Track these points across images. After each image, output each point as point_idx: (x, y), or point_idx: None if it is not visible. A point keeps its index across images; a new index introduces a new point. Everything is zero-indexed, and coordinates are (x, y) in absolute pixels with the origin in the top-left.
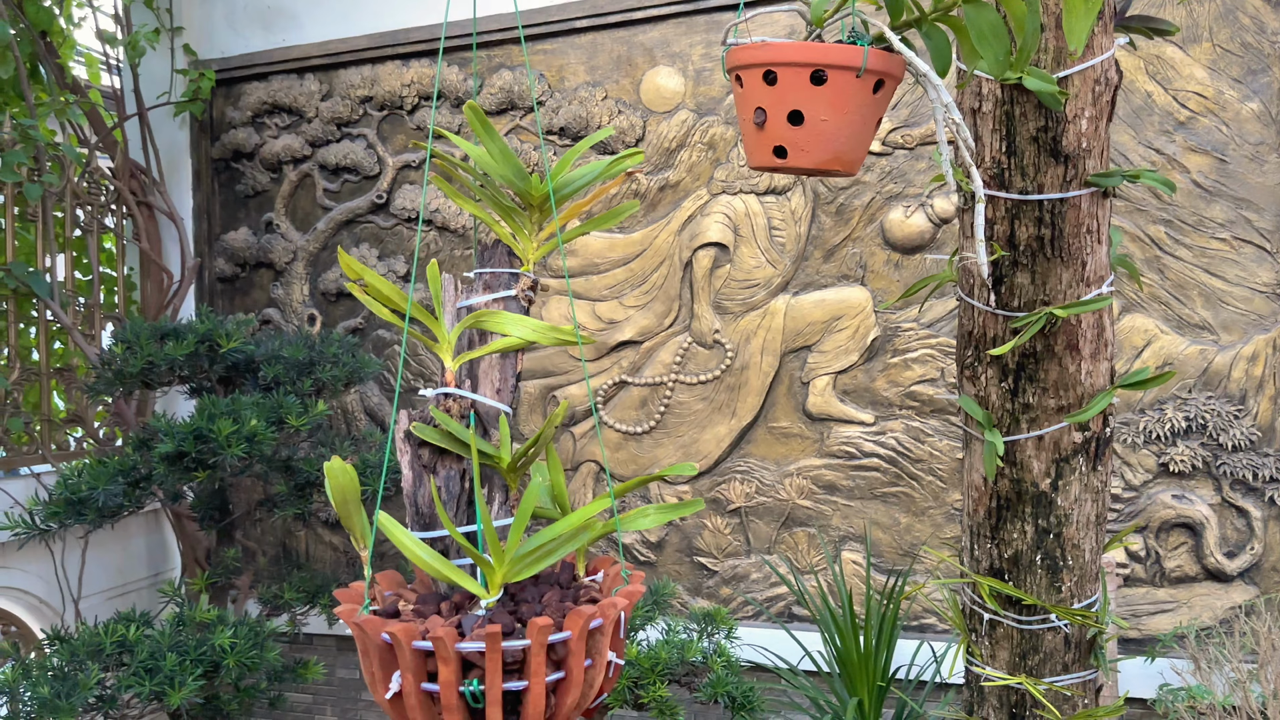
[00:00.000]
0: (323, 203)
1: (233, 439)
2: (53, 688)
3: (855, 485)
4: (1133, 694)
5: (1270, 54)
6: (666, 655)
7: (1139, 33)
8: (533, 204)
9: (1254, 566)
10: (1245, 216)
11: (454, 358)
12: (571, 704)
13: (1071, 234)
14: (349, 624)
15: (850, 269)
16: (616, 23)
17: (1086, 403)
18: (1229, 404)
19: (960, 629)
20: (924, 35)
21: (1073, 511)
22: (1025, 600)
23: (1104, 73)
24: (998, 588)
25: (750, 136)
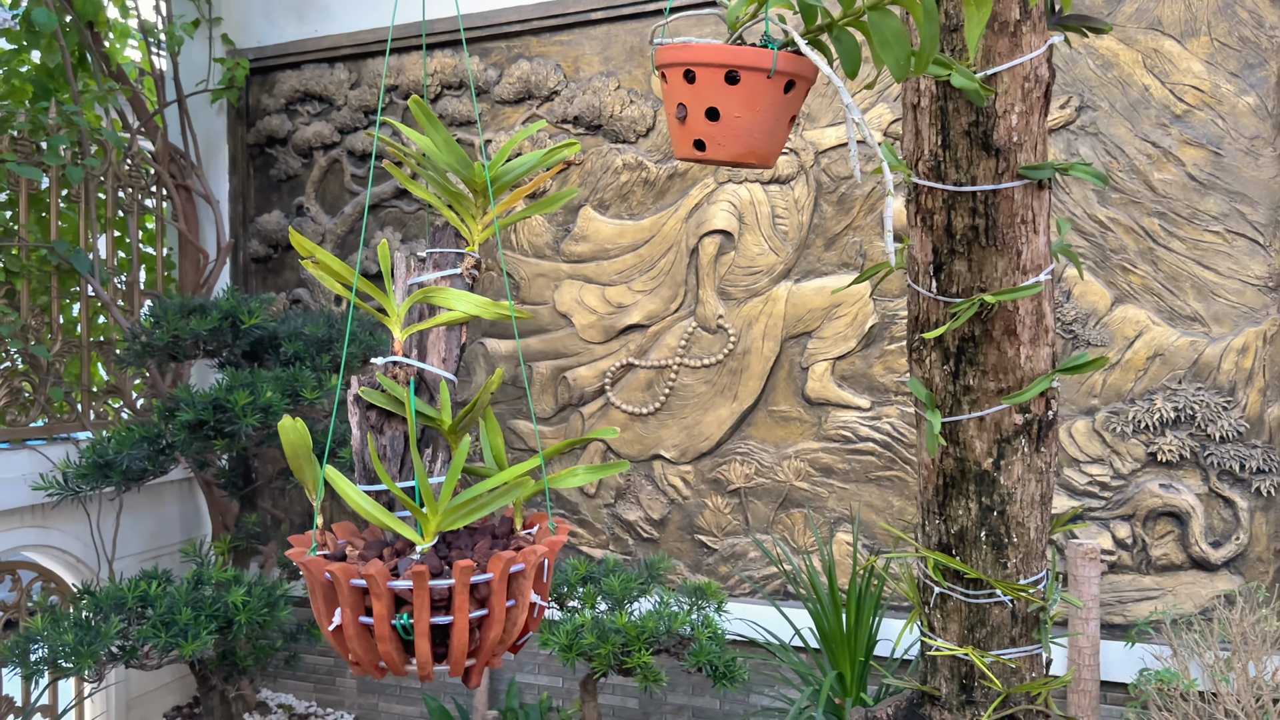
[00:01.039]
0: (350, 188)
1: (249, 409)
2: (76, 635)
3: (850, 468)
4: (1115, 678)
5: (1268, 48)
6: (654, 625)
7: (1075, 30)
8: (476, 190)
9: (1239, 556)
10: (1239, 210)
11: (402, 329)
12: (494, 638)
13: (1005, 224)
14: (298, 564)
15: (850, 257)
16: (630, 15)
17: (1026, 386)
18: (1218, 395)
19: (915, 602)
20: (834, 39)
21: (1016, 490)
22: (968, 574)
23: (1034, 70)
24: (945, 562)
25: (674, 130)
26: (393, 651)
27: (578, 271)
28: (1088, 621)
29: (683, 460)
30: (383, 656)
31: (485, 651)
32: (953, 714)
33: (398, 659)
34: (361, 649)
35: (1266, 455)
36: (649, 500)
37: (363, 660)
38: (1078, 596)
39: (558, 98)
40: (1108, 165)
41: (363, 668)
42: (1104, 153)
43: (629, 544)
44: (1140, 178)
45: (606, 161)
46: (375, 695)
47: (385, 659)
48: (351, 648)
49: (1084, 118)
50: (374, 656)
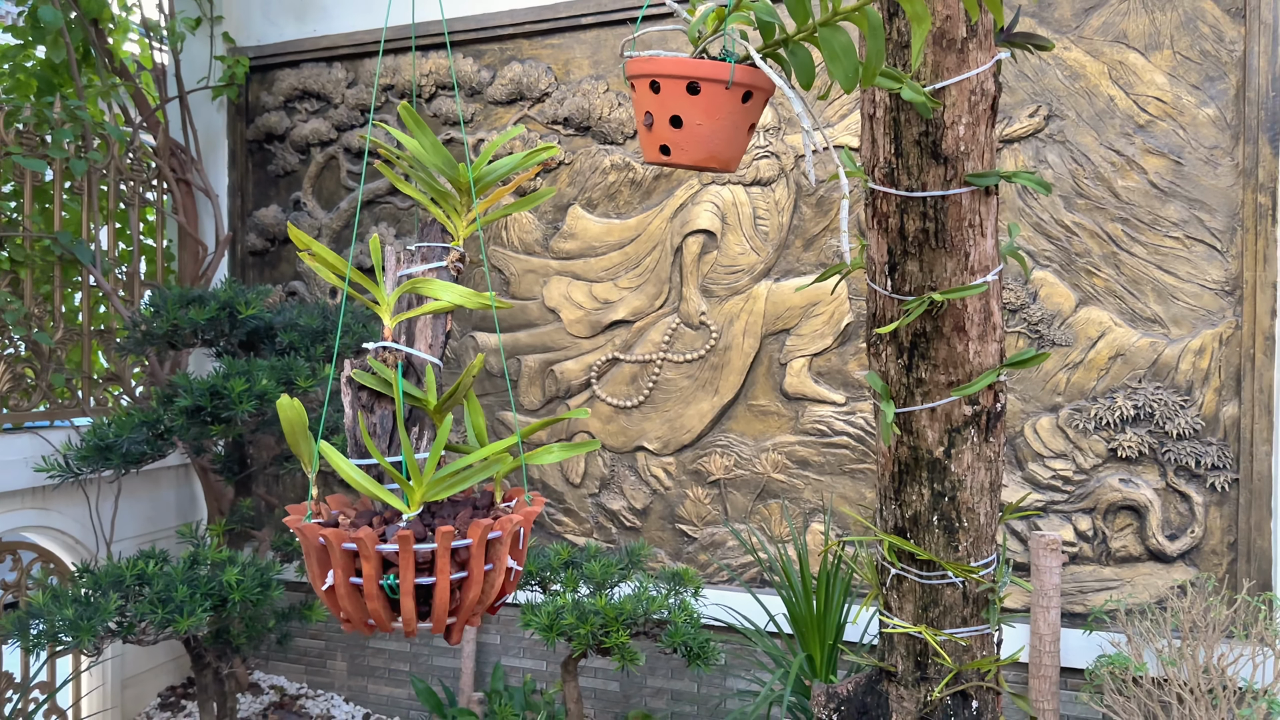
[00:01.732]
0: (346, 183)
1: (244, 397)
2: (76, 611)
3: (826, 461)
4: (1074, 664)
5: (1228, 62)
6: (632, 608)
7: (1021, 47)
8: (461, 189)
9: (1194, 549)
10: (1198, 216)
11: (392, 317)
12: (473, 599)
13: (954, 227)
14: (294, 529)
15: (828, 258)
16: (619, 20)
17: (975, 379)
18: (1176, 394)
19: (874, 584)
20: (789, 53)
21: (966, 478)
22: (921, 556)
23: (980, 84)
24: (900, 545)
25: (643, 135)
26: (380, 609)
27: (566, 268)
28: (1049, 610)
29: (665, 452)
30: (371, 614)
31: (465, 610)
32: (908, 690)
33: (385, 616)
34: (352, 607)
35: (1221, 452)
36: (632, 490)
37: (353, 617)
38: (1040, 586)
39: (549, 99)
40: (1074, 172)
41: (353, 624)
42: (1071, 160)
43: (612, 532)
44: (1105, 184)
45: (595, 162)
46: (364, 678)
47: (373, 616)
48: (343, 605)
49: (1052, 126)
50: (363, 614)
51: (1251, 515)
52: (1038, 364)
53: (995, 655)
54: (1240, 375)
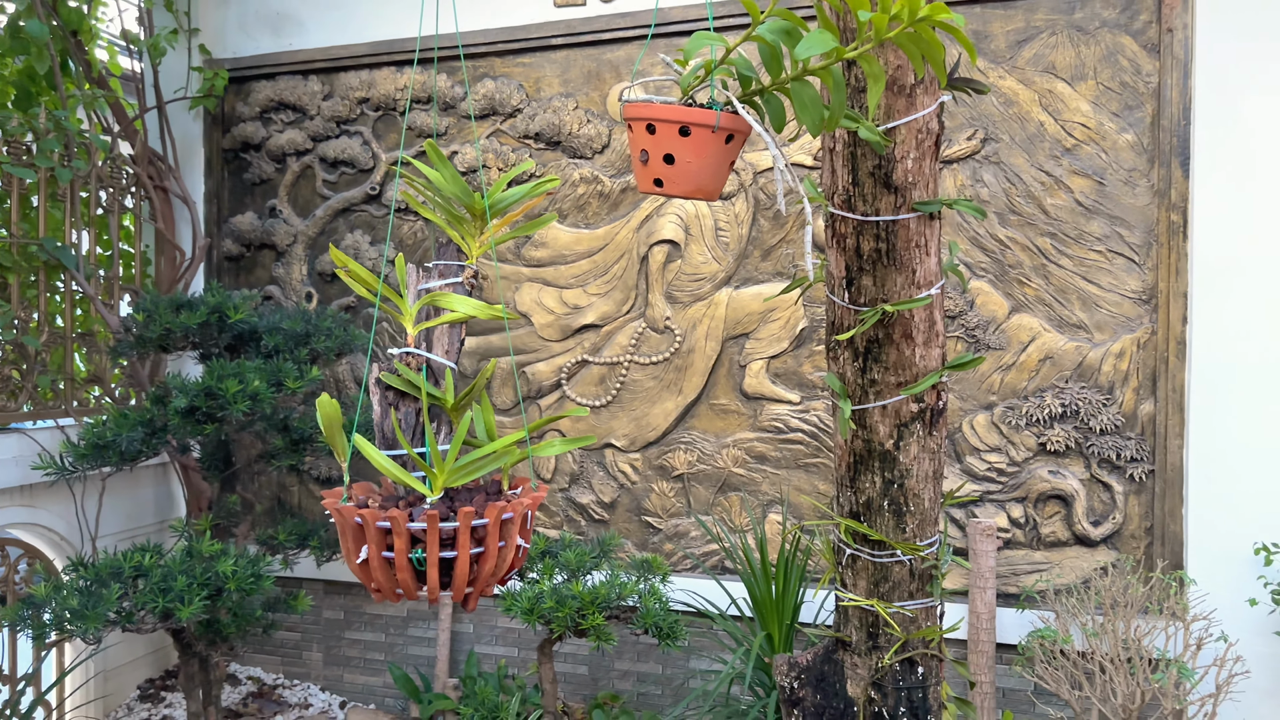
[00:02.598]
0: (322, 192)
1: (238, 397)
2: (80, 601)
3: (782, 456)
4: (1008, 640)
5: (1144, 92)
6: (606, 592)
7: (961, 91)
8: (475, 214)
9: (1115, 533)
10: (1119, 232)
11: (414, 326)
12: (489, 571)
13: (903, 248)
14: (332, 510)
15: (784, 267)
16: (588, 42)
17: (920, 379)
18: (1099, 394)
19: (830, 562)
20: (765, 101)
21: (913, 467)
22: (873, 537)
23: (926, 124)
24: (854, 527)
25: (638, 169)
26: (409, 579)
27: (537, 275)
28: (985, 590)
29: (632, 449)
30: (400, 584)
31: (481, 580)
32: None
33: (412, 585)
34: (383, 578)
35: (1139, 446)
36: (600, 485)
37: (384, 587)
38: (977, 569)
39: (520, 115)
40: (1008, 190)
41: (383, 594)
42: (1005, 179)
43: (581, 525)
44: (1035, 202)
45: (565, 175)
46: (340, 667)
47: (403, 586)
48: (375, 577)
49: (988, 148)
50: (393, 584)
51: (1166, 503)
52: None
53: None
54: (1156, 376)
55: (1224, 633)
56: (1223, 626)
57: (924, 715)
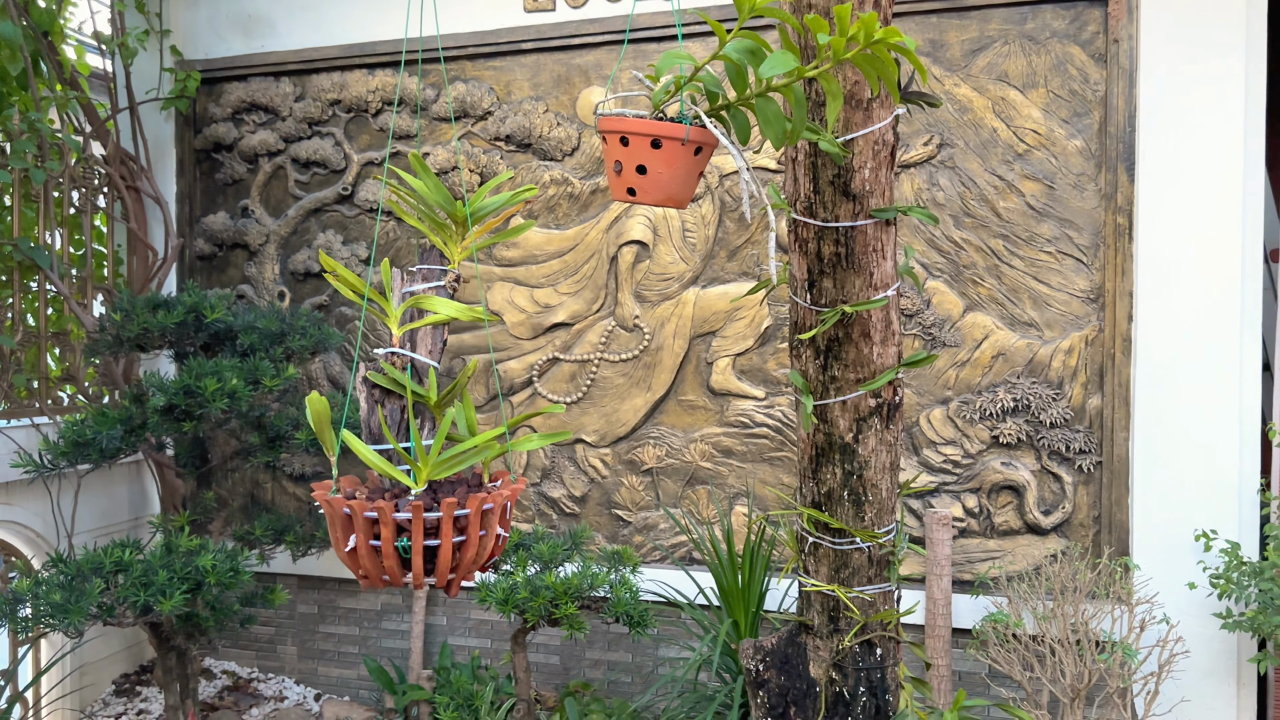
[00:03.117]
0: (294, 192)
1: (216, 395)
2: (63, 595)
3: (748, 450)
4: (963, 625)
5: (1092, 100)
6: (578, 582)
7: (915, 104)
8: (457, 221)
9: (1065, 522)
10: (1068, 234)
11: (399, 327)
12: (470, 558)
13: (861, 252)
14: (321, 501)
15: (749, 267)
16: (557, 46)
17: (878, 376)
18: (1049, 389)
19: (794, 550)
20: (731, 116)
21: (871, 459)
22: (834, 525)
23: (882, 136)
24: (816, 516)
25: (612, 179)
26: (395, 566)
27: (509, 274)
28: (941, 577)
29: (602, 444)
30: (387, 570)
31: (463, 567)
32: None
33: (398, 572)
34: (370, 565)
35: (1087, 438)
36: (571, 479)
37: (371, 574)
38: (933, 556)
39: (491, 117)
40: (962, 194)
41: (371, 580)
42: (960, 183)
43: (553, 519)
44: (989, 205)
45: (535, 176)
46: (314, 661)
47: (389, 572)
48: (363, 564)
49: (944, 153)
50: (380, 571)
51: (1112, 492)
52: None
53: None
54: (1103, 372)
55: (1166, 615)
56: (1165, 609)
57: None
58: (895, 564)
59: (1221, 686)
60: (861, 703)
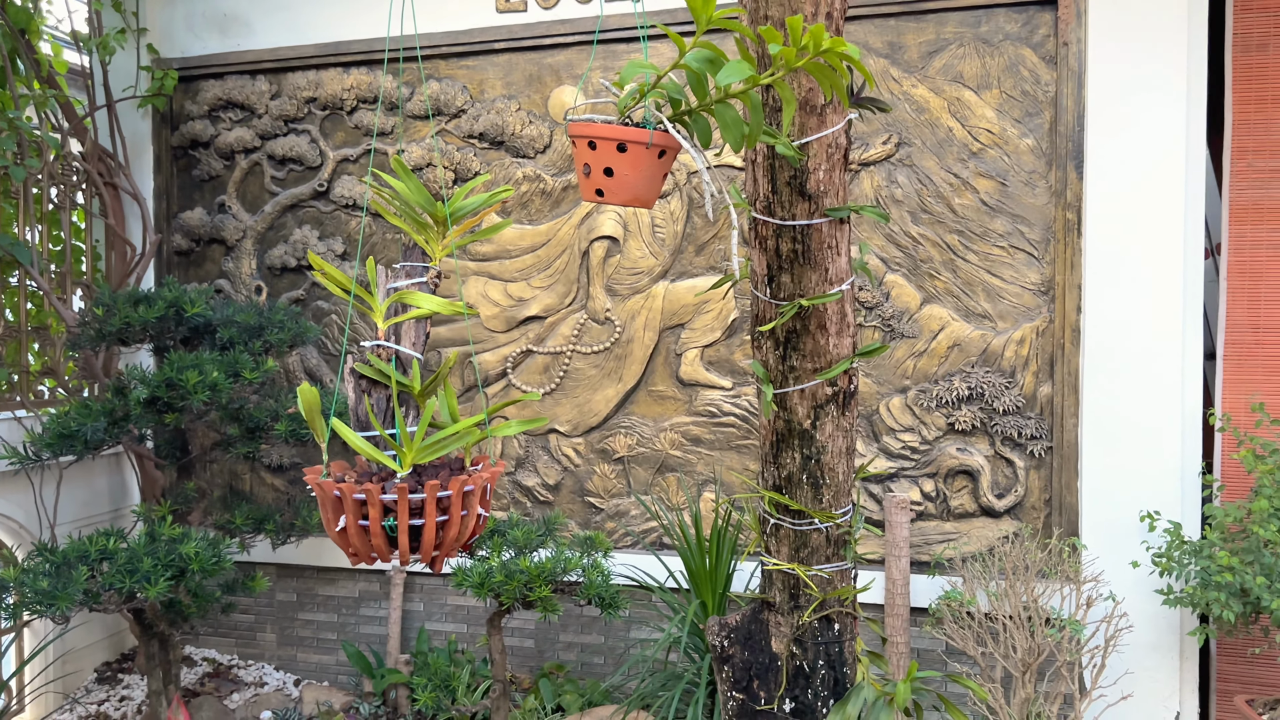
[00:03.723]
0: (270, 188)
1: (198, 387)
2: (50, 582)
3: (715, 438)
4: (921, 604)
5: (1043, 100)
6: (552, 566)
7: (867, 109)
8: (438, 220)
9: (1017, 505)
10: (1020, 229)
11: (384, 321)
12: (453, 536)
13: (817, 249)
14: (313, 484)
15: (716, 261)
16: (529, 46)
17: (834, 365)
18: (1002, 377)
19: (756, 530)
20: (692, 120)
21: (828, 444)
22: (793, 507)
23: (835, 139)
24: (777, 499)
25: (582, 180)
26: (382, 545)
27: (483, 269)
28: (900, 559)
29: (575, 433)
30: (375, 549)
31: (446, 545)
32: (784, 617)
33: (385, 550)
34: (359, 543)
35: (1038, 425)
36: (545, 468)
37: (360, 552)
38: (892, 539)
39: (464, 115)
40: (919, 191)
41: (360, 558)
42: (917, 181)
43: (527, 507)
44: (944, 202)
45: (508, 173)
46: (294, 647)
47: (377, 550)
48: (352, 543)
49: (901, 152)
50: (368, 549)
51: (1062, 476)
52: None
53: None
54: (1053, 361)
55: (1112, 592)
56: (1111, 587)
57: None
58: (852, 543)
59: (1164, 660)
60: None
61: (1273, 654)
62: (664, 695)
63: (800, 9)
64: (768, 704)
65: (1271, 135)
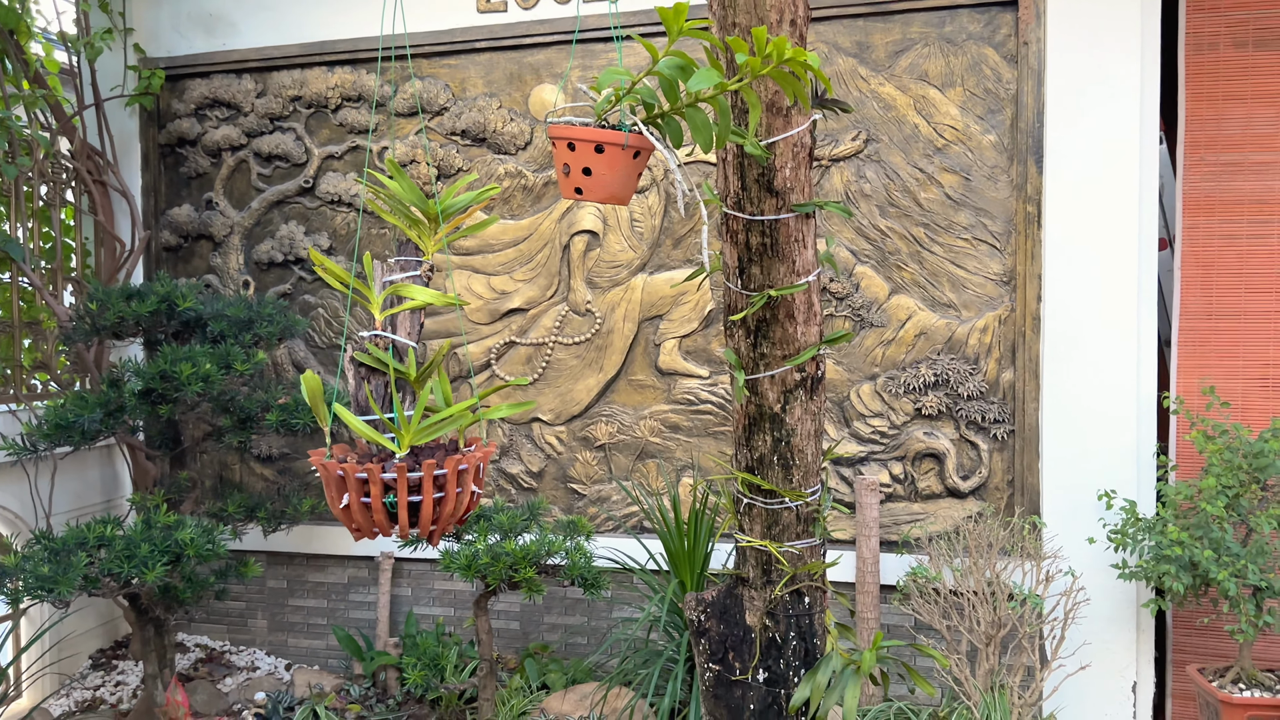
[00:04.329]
0: (256, 185)
1: (192, 379)
2: (51, 568)
3: (694, 425)
4: (891, 582)
5: (1004, 98)
6: (536, 549)
7: (830, 110)
8: (429, 217)
9: (981, 486)
10: (983, 222)
11: (381, 312)
12: (449, 513)
13: (784, 242)
14: (318, 465)
15: (693, 254)
16: (509, 46)
17: (802, 352)
18: (966, 364)
19: (731, 511)
20: (665, 123)
21: (797, 427)
22: (765, 487)
23: (800, 139)
24: (750, 480)
25: (561, 179)
26: (383, 520)
27: (466, 263)
28: (870, 538)
29: (557, 422)
30: (376, 524)
31: (443, 520)
32: (758, 591)
33: (386, 525)
34: (362, 519)
35: (1001, 409)
36: (528, 456)
37: (363, 527)
38: (863, 519)
39: (447, 113)
40: (887, 186)
41: (362, 533)
42: (885, 176)
43: (512, 493)
44: (911, 196)
45: (490, 169)
46: (284, 633)
47: (378, 525)
48: (355, 519)
49: (870, 148)
50: (370, 524)
51: (1024, 458)
52: (848, 341)
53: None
54: (1015, 348)
55: (1071, 568)
56: (1070, 562)
57: (810, 638)
58: (820, 520)
59: (1121, 631)
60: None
61: (1221, 624)
62: (644, 672)
63: (765, 17)
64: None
65: (1223, 131)
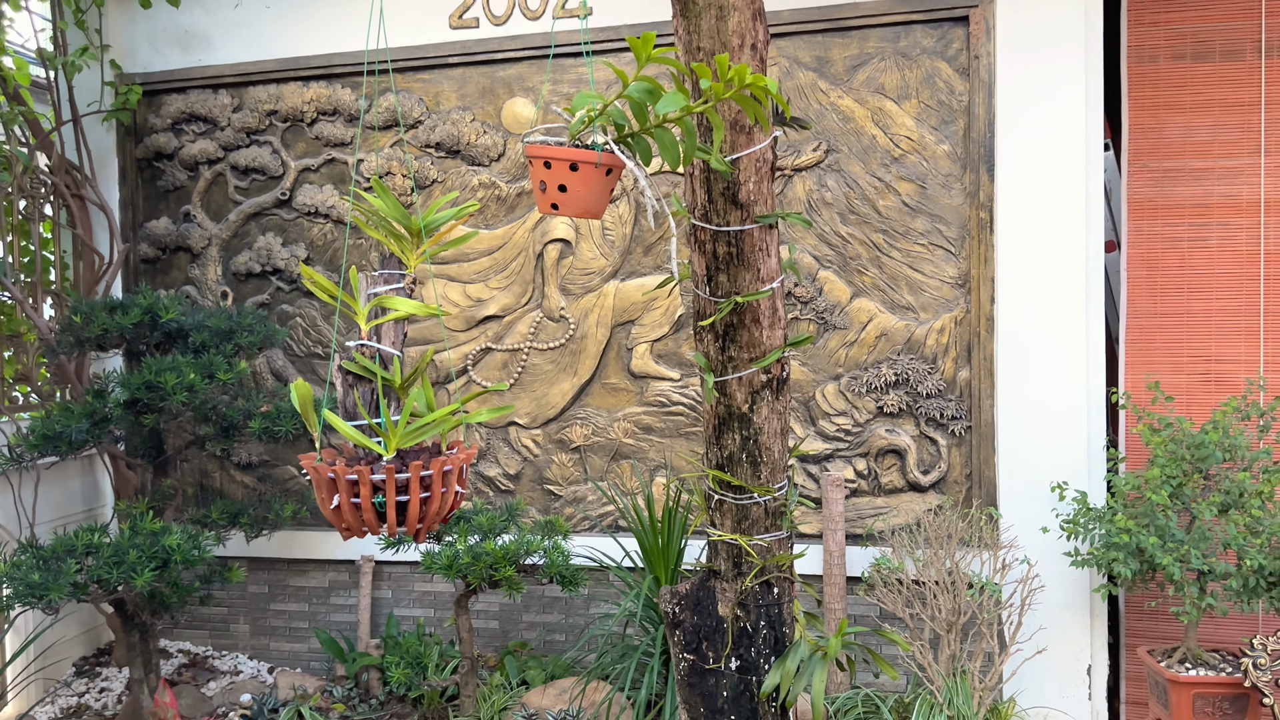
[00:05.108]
0: (234, 197)
1: (176, 388)
2: (41, 575)
3: (666, 426)
4: (856, 574)
5: (957, 109)
6: (515, 548)
7: (791, 127)
8: (412, 232)
9: (941, 480)
10: (938, 228)
11: (367, 322)
12: (435, 510)
13: (750, 251)
14: (309, 468)
15: (663, 261)
16: (482, 60)
17: (768, 355)
18: (925, 364)
19: (703, 507)
20: (635, 142)
21: (764, 426)
22: (735, 483)
23: (763, 155)
24: (720, 477)
25: (538, 195)
26: (372, 519)
27: (442, 271)
28: (836, 532)
29: (534, 425)
30: (365, 523)
31: (429, 518)
32: (729, 583)
33: (375, 523)
34: (352, 519)
35: (958, 406)
36: (506, 459)
37: (353, 526)
38: (829, 514)
39: (421, 126)
40: (847, 194)
41: (352, 531)
42: (845, 185)
43: (490, 496)
44: (870, 204)
45: (465, 180)
46: (266, 637)
47: (367, 524)
48: (345, 519)
49: (830, 158)
50: (359, 523)
51: (981, 453)
52: (811, 343)
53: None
54: (970, 348)
55: (1026, 557)
56: (1025, 551)
57: (779, 627)
58: (787, 514)
59: (1075, 617)
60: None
61: (1167, 606)
62: (621, 666)
63: (728, 42)
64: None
65: (1164, 139)
